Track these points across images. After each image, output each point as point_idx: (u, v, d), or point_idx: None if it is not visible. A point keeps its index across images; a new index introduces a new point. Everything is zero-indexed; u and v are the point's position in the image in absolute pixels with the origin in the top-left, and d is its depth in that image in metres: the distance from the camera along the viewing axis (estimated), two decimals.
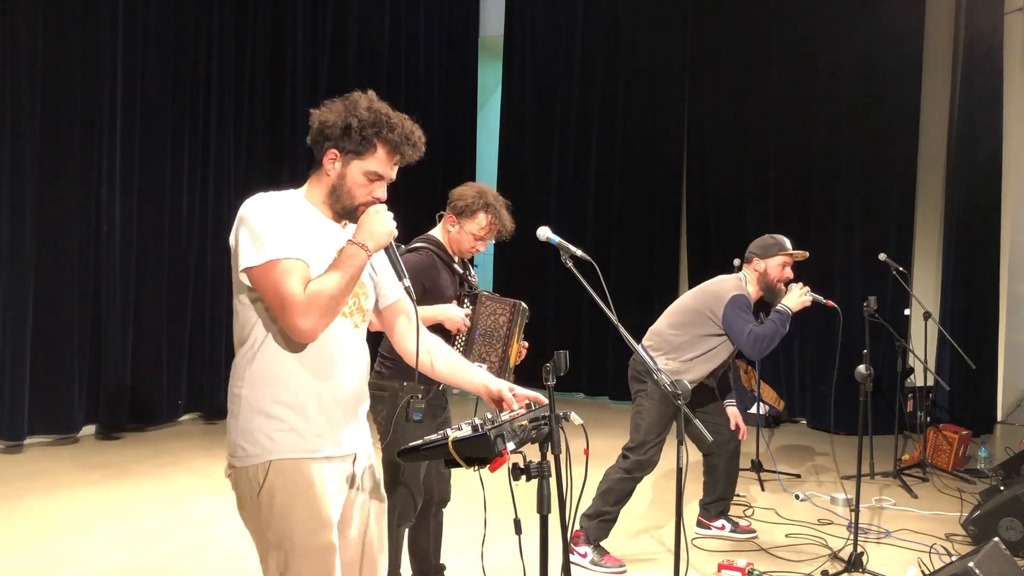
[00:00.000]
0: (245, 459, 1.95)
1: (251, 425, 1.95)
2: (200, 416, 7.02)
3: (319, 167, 2.04)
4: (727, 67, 8.12)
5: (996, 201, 7.05)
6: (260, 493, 1.93)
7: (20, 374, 5.69)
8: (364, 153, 1.99)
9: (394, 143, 2.00)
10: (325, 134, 1.99)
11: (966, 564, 2.91)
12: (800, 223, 7.65)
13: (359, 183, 2.01)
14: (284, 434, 1.95)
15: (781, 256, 4.05)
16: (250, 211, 1.93)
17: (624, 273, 8.28)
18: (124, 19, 6.25)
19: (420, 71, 9.08)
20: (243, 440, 1.95)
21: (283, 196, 2.02)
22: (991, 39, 6.88)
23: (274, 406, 1.95)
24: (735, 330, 3.87)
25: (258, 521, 1.96)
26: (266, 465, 1.94)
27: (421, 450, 1.95)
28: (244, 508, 1.99)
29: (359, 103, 2.00)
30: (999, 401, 7.11)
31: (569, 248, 3.42)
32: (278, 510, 1.93)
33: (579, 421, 2.10)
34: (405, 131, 2.02)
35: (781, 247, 4.06)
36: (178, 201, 6.72)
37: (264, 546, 1.97)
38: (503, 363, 3.05)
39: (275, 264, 1.88)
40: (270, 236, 1.89)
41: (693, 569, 3.75)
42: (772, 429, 7.18)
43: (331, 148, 2.00)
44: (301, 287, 1.87)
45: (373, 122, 1.98)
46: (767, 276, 4.03)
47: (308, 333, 1.88)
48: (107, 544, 4.02)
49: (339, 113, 1.99)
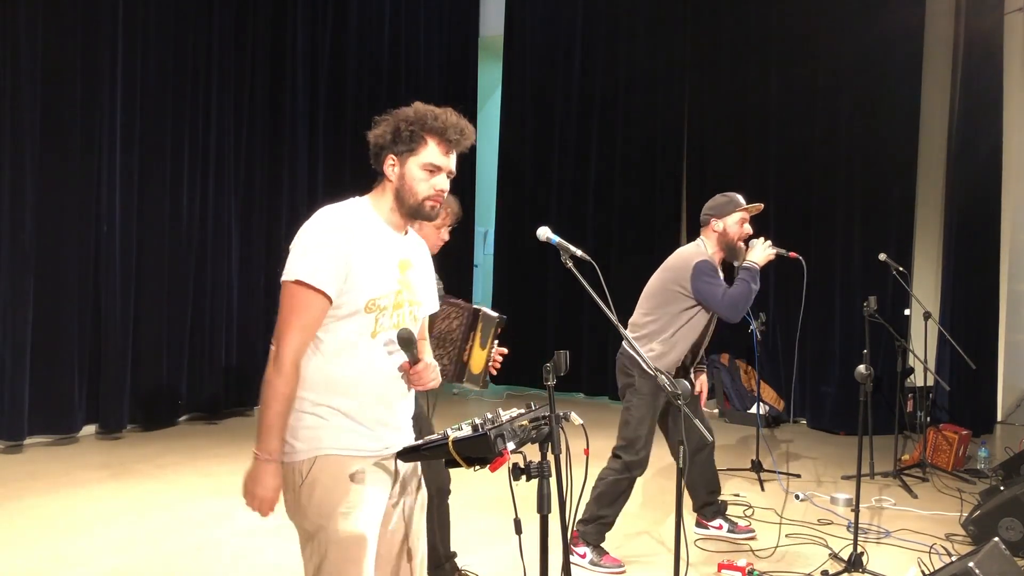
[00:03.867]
0: (291, 454, 2.04)
1: (301, 423, 2.04)
2: (200, 416, 7.01)
3: (382, 178, 2.15)
4: (727, 67, 8.12)
5: (996, 201, 7.05)
6: (303, 485, 2.02)
7: (20, 374, 5.69)
8: (416, 148, 2.10)
9: (440, 131, 2.10)
10: (380, 145, 2.12)
11: (966, 564, 2.91)
12: (800, 223, 7.66)
13: (418, 178, 2.11)
14: (331, 432, 2.04)
15: (738, 212, 3.97)
16: (314, 223, 2.05)
17: (624, 273, 8.27)
18: (124, 19, 6.25)
19: (420, 71, 9.08)
20: (291, 436, 2.03)
21: (349, 208, 2.12)
22: (991, 39, 6.88)
23: (325, 408, 2.04)
24: (708, 296, 3.81)
25: (297, 512, 2.05)
26: (311, 460, 2.03)
27: (421, 450, 1.96)
28: (286, 502, 2.08)
29: (404, 110, 2.13)
30: (999, 401, 7.11)
31: (569, 248, 3.42)
32: (316, 502, 2.02)
33: (579, 421, 2.10)
34: (450, 121, 2.12)
35: (736, 203, 3.98)
36: (178, 201, 6.72)
37: (304, 536, 2.07)
38: (457, 367, 3.12)
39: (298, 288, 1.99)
40: (314, 256, 2.00)
41: (693, 569, 3.75)
42: (772, 429, 7.18)
43: (388, 155, 2.11)
44: (305, 326, 2.00)
45: (418, 118, 2.10)
46: (727, 235, 3.95)
47: (270, 357, 2.02)
48: (107, 544, 4.02)
49: (387, 123, 2.13)
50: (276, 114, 7.48)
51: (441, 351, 3.10)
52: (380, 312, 2.06)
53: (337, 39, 8.09)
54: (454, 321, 3.14)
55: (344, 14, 8.14)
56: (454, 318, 3.14)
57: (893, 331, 5.66)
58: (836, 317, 7.42)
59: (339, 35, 8.11)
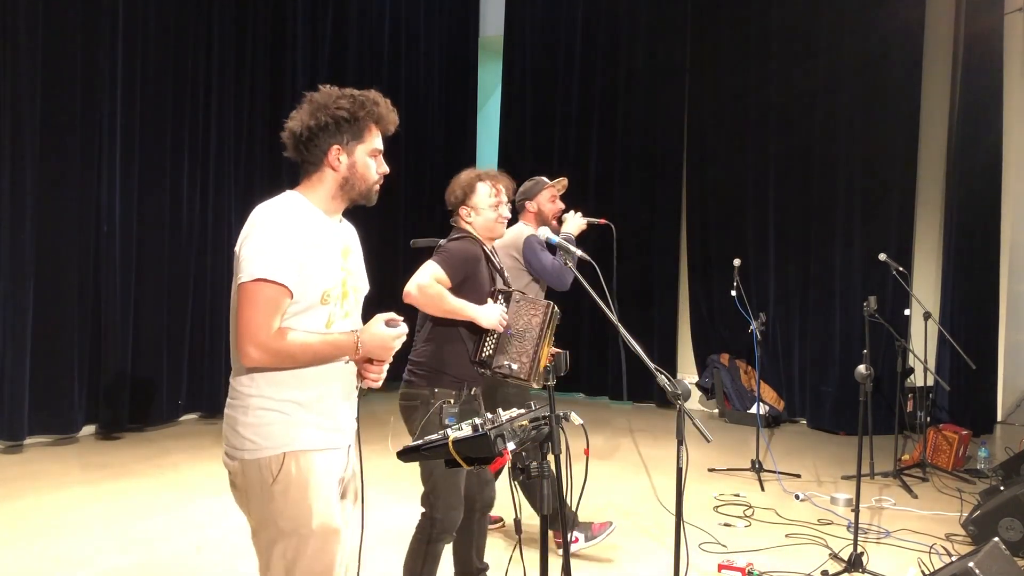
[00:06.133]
0: (256, 451, 2.00)
1: (262, 420, 2.01)
2: (200, 416, 7.02)
3: (317, 168, 2.10)
4: (727, 67, 8.13)
5: (996, 201, 7.05)
6: (274, 483, 1.99)
7: (20, 374, 5.69)
8: (363, 136, 2.10)
9: (381, 116, 2.12)
10: (320, 136, 2.07)
11: (966, 564, 2.91)
12: (800, 223, 7.66)
13: (367, 164, 2.12)
14: (297, 428, 2.02)
15: (546, 190, 4.19)
16: (259, 223, 2.00)
17: (624, 273, 8.28)
18: (124, 19, 6.26)
19: (420, 71, 9.09)
20: (252, 434, 2.00)
21: (288, 202, 2.06)
22: (991, 39, 6.87)
23: (286, 403, 2.01)
24: (540, 266, 3.88)
25: (267, 510, 2.01)
26: (280, 457, 2.00)
27: (421, 450, 1.96)
28: (251, 498, 2.03)
29: (328, 97, 2.09)
30: (999, 401, 7.11)
31: (569, 248, 3.43)
32: (292, 499, 1.99)
33: (579, 421, 2.10)
34: (383, 103, 2.13)
35: (542, 183, 4.20)
36: (178, 201, 6.72)
37: (271, 535, 2.01)
38: (534, 364, 2.99)
39: (260, 285, 1.94)
40: (269, 254, 1.95)
41: (693, 569, 3.75)
42: (772, 429, 7.18)
43: (332, 145, 2.07)
44: (274, 320, 1.95)
45: (358, 105, 2.08)
46: (542, 214, 4.15)
47: (251, 363, 1.97)
48: (107, 544, 4.02)
49: (313, 113, 2.07)
50: (276, 114, 7.47)
51: (520, 349, 2.99)
52: (333, 303, 2.06)
53: (337, 40, 8.10)
54: (534, 318, 3.04)
55: (344, 15, 8.15)
56: (533, 315, 3.04)
57: (893, 331, 5.66)
58: (836, 317, 7.42)
59: (339, 36, 8.12)
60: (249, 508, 2.06)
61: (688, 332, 8.46)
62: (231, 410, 2.06)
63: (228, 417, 2.06)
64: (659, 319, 8.38)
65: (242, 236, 2.01)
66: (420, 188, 9.01)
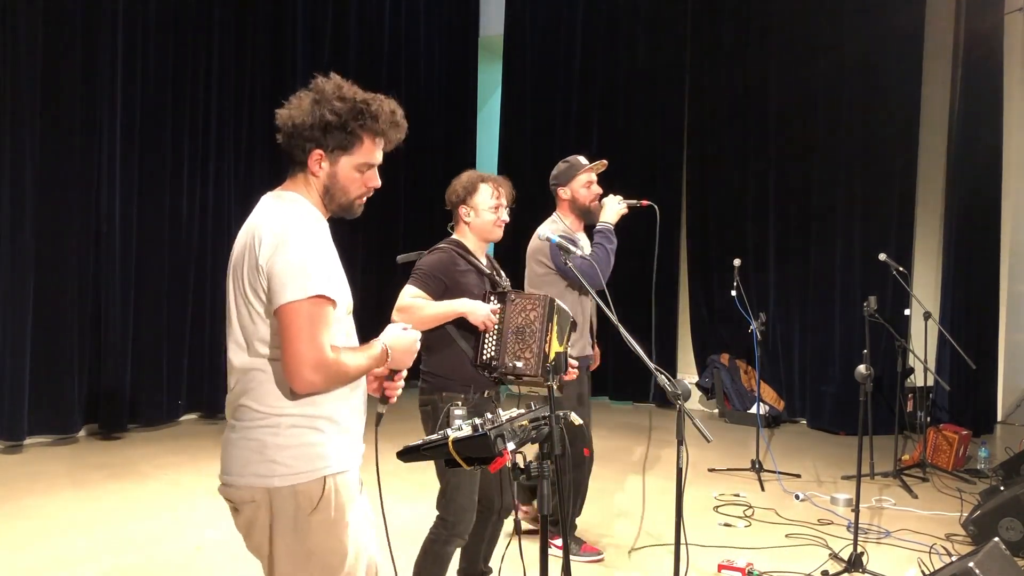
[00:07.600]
0: (291, 476, 1.80)
1: (299, 439, 1.82)
2: (200, 416, 7.02)
3: (301, 168, 1.92)
4: (727, 67, 8.12)
5: (996, 201, 7.05)
6: (314, 511, 1.81)
7: (20, 374, 5.69)
8: (351, 147, 1.89)
9: (380, 131, 1.91)
10: (303, 135, 1.88)
11: (966, 564, 2.91)
12: (800, 223, 7.66)
13: (352, 178, 1.91)
14: (334, 447, 1.87)
15: (582, 174, 3.95)
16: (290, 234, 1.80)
17: (624, 273, 8.28)
18: (124, 19, 6.26)
19: (420, 71, 9.08)
20: (288, 457, 1.80)
21: (308, 210, 1.89)
22: (991, 39, 6.87)
23: (320, 419, 1.85)
24: (567, 270, 3.73)
25: (301, 547, 1.81)
26: (320, 481, 1.82)
27: (421, 450, 1.95)
28: (277, 533, 1.83)
29: (328, 93, 1.89)
30: (999, 401, 7.11)
31: (569, 248, 3.42)
32: (334, 529, 1.84)
33: (579, 421, 2.10)
34: (386, 115, 1.91)
35: (577, 166, 3.95)
36: (178, 201, 6.72)
37: (300, 558, 1.82)
38: (540, 360, 2.92)
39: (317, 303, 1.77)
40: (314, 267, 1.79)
41: (693, 569, 3.75)
42: (772, 429, 7.18)
43: (315, 149, 1.88)
44: (328, 339, 1.79)
45: (353, 113, 1.86)
46: (577, 201, 3.94)
47: (309, 389, 1.78)
48: (107, 544, 4.02)
49: (309, 110, 1.88)
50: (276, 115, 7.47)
51: (522, 346, 2.94)
52: (350, 312, 1.95)
53: (337, 40, 8.09)
54: (531, 313, 2.98)
55: (344, 15, 8.14)
56: (531, 309, 2.99)
57: (893, 331, 5.66)
58: (836, 317, 7.42)
59: (339, 36, 8.12)
60: (274, 545, 1.84)
61: (688, 332, 8.46)
62: (253, 432, 1.83)
63: (245, 441, 1.84)
64: (659, 319, 8.38)
65: (268, 248, 1.78)
66: (420, 188, 9.01)
